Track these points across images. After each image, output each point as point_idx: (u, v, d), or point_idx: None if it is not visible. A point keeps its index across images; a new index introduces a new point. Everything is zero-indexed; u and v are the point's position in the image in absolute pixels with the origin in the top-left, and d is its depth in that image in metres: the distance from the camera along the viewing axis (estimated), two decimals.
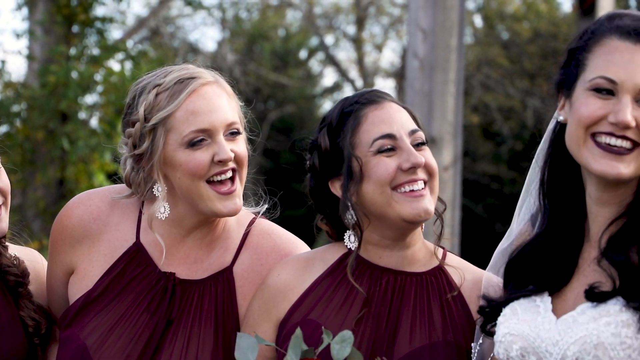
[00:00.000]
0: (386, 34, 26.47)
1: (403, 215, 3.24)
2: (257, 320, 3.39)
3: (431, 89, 9.70)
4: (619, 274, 2.90)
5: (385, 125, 3.28)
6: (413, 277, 3.32)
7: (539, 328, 2.98)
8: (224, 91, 3.52)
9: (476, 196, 22.88)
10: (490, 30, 25.93)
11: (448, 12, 9.69)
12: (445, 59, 9.69)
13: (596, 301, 2.90)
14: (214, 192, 3.42)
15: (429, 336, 3.24)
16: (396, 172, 3.25)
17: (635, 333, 2.83)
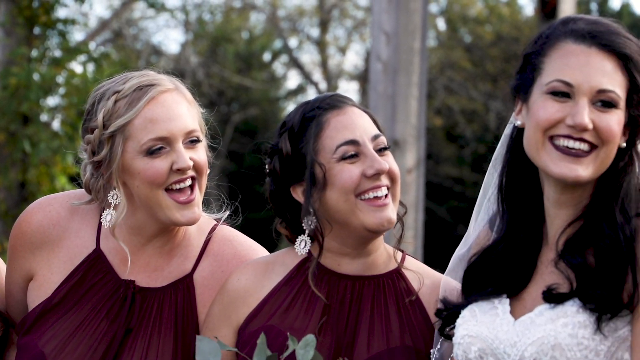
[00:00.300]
0: (350, 37, 26.52)
1: (366, 224, 3.24)
2: (216, 324, 3.37)
3: (394, 92, 9.72)
4: (576, 275, 2.92)
5: (348, 131, 3.26)
6: (371, 280, 3.31)
7: (497, 330, 2.99)
8: (183, 98, 3.49)
9: (439, 199, 22.97)
10: (453, 34, 26.05)
11: (411, 15, 9.73)
12: (408, 61, 9.72)
13: (553, 303, 2.91)
14: (172, 201, 3.40)
15: (387, 342, 3.23)
16: (360, 179, 3.23)
17: (592, 334, 2.84)
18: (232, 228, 3.63)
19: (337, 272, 3.32)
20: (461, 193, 23.40)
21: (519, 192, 3.12)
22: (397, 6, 9.70)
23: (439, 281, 3.33)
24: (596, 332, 2.84)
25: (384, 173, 3.25)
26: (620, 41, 2.94)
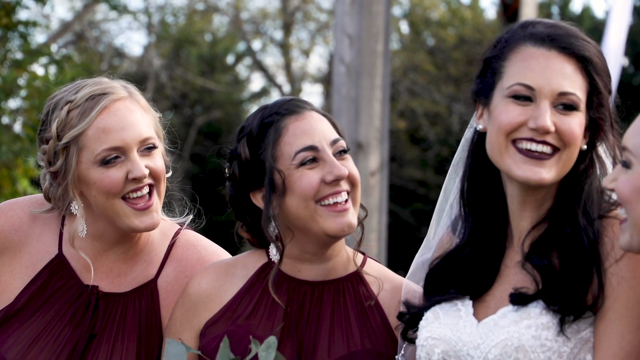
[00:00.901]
0: (313, 40, 26.53)
1: (327, 230, 3.23)
2: (179, 328, 3.36)
3: (358, 95, 9.74)
4: (542, 277, 2.94)
5: (306, 136, 3.25)
6: (331, 285, 3.31)
7: (460, 332, 2.99)
8: (137, 105, 3.46)
9: (403, 201, 23.03)
10: (416, 37, 26.14)
11: (374, 18, 9.75)
12: (371, 64, 9.74)
13: (520, 304, 2.93)
14: (130, 209, 3.39)
15: (347, 346, 3.24)
16: (319, 185, 3.22)
17: (555, 335, 2.86)
18: (196, 232, 3.62)
19: (297, 278, 3.31)
20: (425, 196, 23.47)
21: (481, 196, 3.14)
22: (360, 9, 9.72)
23: (399, 285, 3.34)
24: (559, 333, 2.86)
25: (343, 179, 3.24)
26: (579, 44, 2.96)
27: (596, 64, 2.96)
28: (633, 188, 2.61)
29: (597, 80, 2.96)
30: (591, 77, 2.96)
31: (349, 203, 3.26)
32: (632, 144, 2.62)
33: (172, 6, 25.02)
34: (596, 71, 2.95)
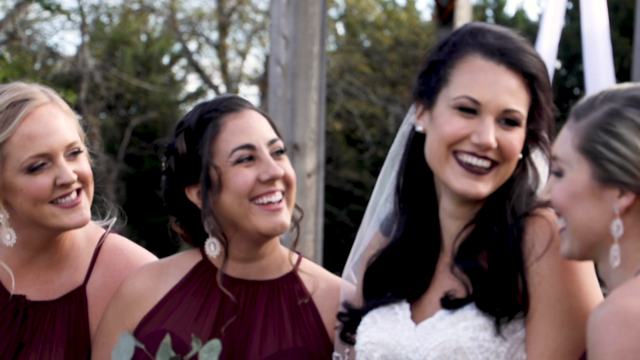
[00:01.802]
0: (249, 41, 26.50)
1: (259, 228, 3.24)
2: (111, 329, 3.34)
3: (294, 96, 9.74)
4: (471, 280, 2.96)
5: (244, 135, 3.26)
6: (265, 285, 3.32)
7: (398, 335, 3.00)
8: (60, 110, 3.42)
9: (339, 203, 23.10)
10: (353, 38, 26.24)
11: (310, 19, 9.76)
12: (307, 66, 9.75)
13: (451, 308, 2.94)
14: (58, 208, 3.34)
15: (279, 344, 3.25)
16: (254, 183, 3.23)
17: (492, 336, 2.89)
18: (121, 236, 3.59)
19: (231, 276, 3.32)
20: (361, 197, 23.57)
21: (416, 194, 3.15)
22: (296, 10, 9.72)
23: (335, 284, 3.35)
24: (496, 334, 2.88)
25: (278, 178, 3.25)
26: (527, 60, 2.98)
27: (541, 80, 2.99)
28: (568, 194, 2.64)
29: (540, 96, 2.99)
30: (535, 93, 2.99)
31: (283, 203, 3.27)
32: (562, 152, 2.66)
33: (106, 6, 24.81)
34: (540, 87, 2.99)
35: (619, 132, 2.57)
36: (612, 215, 2.58)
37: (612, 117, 2.59)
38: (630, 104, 2.59)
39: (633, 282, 2.47)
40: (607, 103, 2.63)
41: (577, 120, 2.66)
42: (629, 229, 2.58)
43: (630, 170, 2.55)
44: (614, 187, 2.58)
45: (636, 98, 2.60)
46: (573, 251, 2.67)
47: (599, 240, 2.61)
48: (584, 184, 2.61)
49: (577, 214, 2.62)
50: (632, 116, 2.57)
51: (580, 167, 2.63)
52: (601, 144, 2.59)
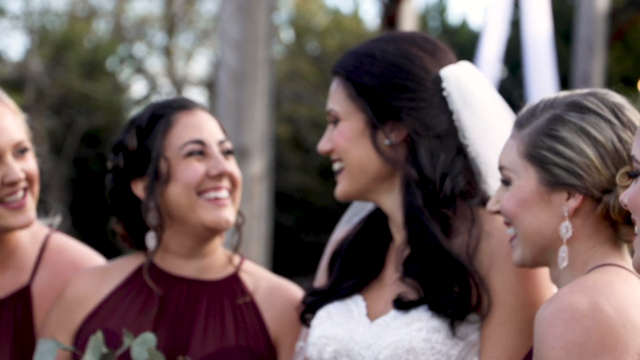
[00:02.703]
0: (197, 45, 26.38)
1: (204, 221, 3.27)
2: (54, 331, 3.34)
3: (241, 101, 9.75)
4: (421, 284, 2.98)
5: (196, 131, 3.31)
6: (207, 285, 3.35)
7: (353, 331, 3.02)
8: (7, 109, 3.41)
9: (287, 207, 23.08)
10: (300, 44, 26.26)
11: (257, 24, 9.79)
12: (254, 70, 9.77)
13: (403, 310, 2.97)
14: (4, 209, 3.34)
15: (220, 342, 3.27)
16: (203, 177, 3.27)
17: (444, 339, 2.91)
18: (66, 236, 3.59)
19: (173, 274, 3.34)
20: (307, 202, 23.58)
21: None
22: (244, 15, 9.75)
23: (277, 284, 3.39)
24: (449, 336, 2.91)
25: (227, 175, 3.29)
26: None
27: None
28: (517, 202, 2.68)
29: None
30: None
31: (229, 200, 3.31)
32: (508, 162, 2.70)
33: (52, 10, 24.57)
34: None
35: (563, 135, 2.62)
36: (561, 218, 2.63)
37: (554, 122, 2.65)
38: (570, 109, 2.65)
39: (581, 280, 2.52)
40: (548, 110, 2.68)
41: (520, 129, 2.71)
42: (578, 231, 2.64)
43: (577, 172, 2.61)
44: (562, 190, 2.64)
45: (576, 103, 2.66)
46: (525, 258, 2.71)
47: (550, 244, 2.66)
48: (532, 189, 2.66)
49: (527, 221, 2.67)
50: (573, 120, 2.63)
51: (527, 174, 2.67)
52: (546, 149, 2.64)
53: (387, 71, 3.02)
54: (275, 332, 3.34)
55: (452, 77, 3.03)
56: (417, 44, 3.08)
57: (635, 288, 2.51)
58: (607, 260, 2.59)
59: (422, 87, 3.02)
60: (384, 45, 3.07)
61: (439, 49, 3.08)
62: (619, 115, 2.63)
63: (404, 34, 3.15)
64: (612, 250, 2.63)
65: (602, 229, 2.64)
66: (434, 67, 3.04)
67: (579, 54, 17.43)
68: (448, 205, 2.99)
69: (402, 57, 3.03)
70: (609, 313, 2.40)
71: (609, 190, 2.61)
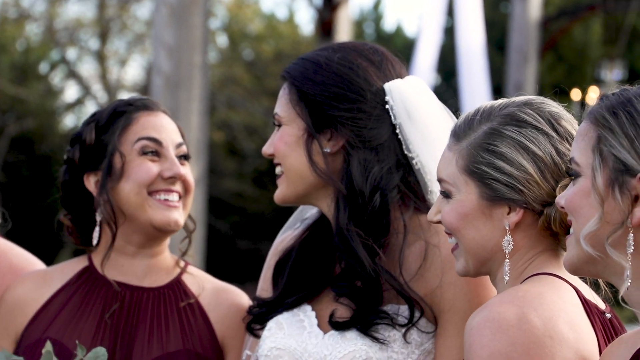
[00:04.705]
0: (130, 50, 26.24)
1: (153, 220, 3.25)
2: None
3: (176, 106, 9.72)
4: (353, 302, 2.96)
5: (155, 131, 3.29)
6: (151, 292, 3.33)
7: (306, 343, 3.00)
8: None
9: (220, 213, 23.04)
10: (235, 50, 26.25)
11: (192, 30, 9.76)
12: (189, 76, 9.74)
13: (338, 330, 2.94)
14: None
15: (165, 346, 3.25)
16: (156, 177, 3.25)
17: (400, 348, 2.90)
18: (5, 239, 3.55)
19: (117, 280, 3.32)
20: (242, 208, 23.57)
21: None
22: (178, 20, 9.71)
23: (221, 287, 3.37)
24: (404, 346, 2.91)
25: (180, 178, 3.28)
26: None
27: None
28: (458, 216, 2.66)
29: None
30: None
31: (180, 203, 3.30)
32: (447, 175, 2.69)
33: None
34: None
35: (501, 151, 2.62)
36: (503, 232, 2.63)
37: (492, 136, 2.64)
38: (507, 122, 2.64)
39: (512, 290, 2.52)
40: (485, 123, 2.66)
41: (457, 141, 2.70)
42: (519, 243, 2.64)
43: (517, 187, 2.61)
44: (503, 204, 2.62)
45: (512, 115, 2.65)
46: (468, 269, 2.70)
47: (491, 256, 2.65)
48: (473, 204, 2.65)
49: (469, 234, 2.66)
50: (511, 134, 2.62)
51: (468, 189, 2.66)
52: (485, 165, 2.63)
53: (329, 80, 3.02)
54: (221, 334, 3.32)
55: (395, 90, 3.02)
56: (364, 54, 3.06)
57: (566, 298, 2.53)
58: (543, 269, 2.60)
59: (362, 99, 3.00)
60: (331, 54, 3.06)
61: (387, 61, 3.07)
62: (556, 127, 2.64)
63: (355, 44, 3.13)
64: (550, 259, 2.64)
65: (542, 239, 2.64)
66: (378, 79, 3.03)
67: (512, 62, 17.66)
68: (379, 219, 2.97)
69: (346, 67, 3.03)
70: (535, 324, 2.41)
71: (549, 203, 2.63)
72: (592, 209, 2.25)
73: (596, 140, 2.27)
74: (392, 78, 3.05)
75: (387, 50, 3.15)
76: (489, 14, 20.28)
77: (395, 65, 3.08)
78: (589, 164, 2.27)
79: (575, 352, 2.43)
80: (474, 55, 16.21)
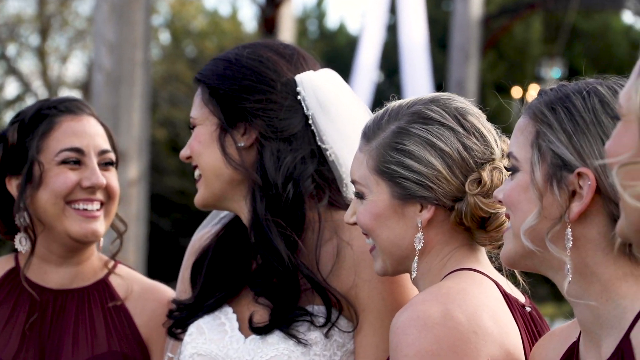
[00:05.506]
0: (71, 46, 25.99)
1: (70, 232, 3.21)
2: None
3: (117, 103, 9.64)
4: (270, 301, 2.94)
5: (76, 138, 3.24)
6: (75, 293, 3.29)
7: (227, 347, 2.97)
8: None
9: (163, 211, 22.92)
10: (177, 46, 26.12)
11: (133, 26, 9.69)
12: (131, 73, 9.67)
13: (258, 334, 2.92)
14: None
15: (92, 349, 3.22)
16: (75, 187, 3.21)
17: (322, 350, 2.88)
18: None
19: (40, 285, 3.28)
20: (184, 205, 23.45)
21: None
22: (120, 17, 9.64)
23: (149, 287, 3.34)
24: (326, 347, 2.89)
25: (100, 188, 3.23)
26: None
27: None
28: (372, 216, 2.68)
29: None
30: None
31: (100, 212, 3.24)
32: (359, 176, 2.70)
33: None
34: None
35: (409, 149, 2.64)
36: (416, 230, 2.65)
37: (400, 135, 2.66)
38: (414, 120, 2.66)
39: (435, 288, 2.54)
40: (392, 122, 2.68)
41: (367, 142, 2.71)
42: (433, 239, 2.66)
43: (427, 184, 2.63)
44: (414, 202, 2.64)
45: (419, 113, 2.67)
46: (386, 268, 2.72)
47: (408, 254, 2.67)
48: (385, 204, 2.66)
49: (384, 234, 2.68)
50: (418, 132, 2.64)
51: (379, 189, 2.67)
52: (395, 164, 2.65)
53: (238, 74, 3.01)
54: (146, 335, 3.30)
55: (307, 81, 3.01)
56: (274, 49, 3.07)
57: (489, 293, 2.55)
58: (463, 265, 2.63)
59: (272, 89, 2.99)
60: (240, 51, 3.06)
61: (298, 55, 3.06)
62: (463, 122, 2.66)
63: (266, 41, 3.14)
64: (468, 254, 2.67)
65: (457, 235, 2.67)
66: (288, 71, 3.02)
67: (454, 60, 17.78)
68: (293, 210, 2.95)
69: (255, 60, 3.02)
70: (460, 320, 2.43)
71: (459, 198, 2.65)
72: (531, 203, 2.27)
73: (535, 135, 2.28)
74: (304, 70, 3.04)
75: (300, 47, 3.16)
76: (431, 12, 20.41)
77: (308, 60, 3.08)
78: (528, 159, 2.29)
79: (500, 346, 2.46)
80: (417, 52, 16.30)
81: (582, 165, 2.21)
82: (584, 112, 2.25)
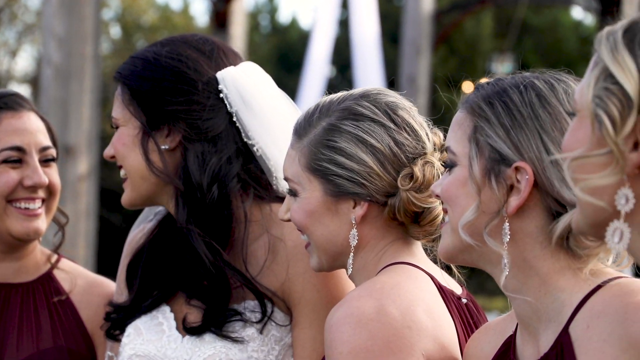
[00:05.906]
0: (20, 40, 25.74)
1: (12, 230, 3.18)
2: None
3: (66, 98, 9.56)
4: (202, 302, 2.92)
5: (17, 136, 3.20)
6: (19, 287, 3.27)
7: (165, 347, 2.95)
8: None
9: (113, 205, 22.79)
10: (128, 40, 25.96)
11: (83, 20, 9.61)
12: (80, 67, 9.59)
13: (193, 335, 2.90)
14: None
15: (37, 344, 3.19)
16: (16, 186, 3.18)
17: (260, 346, 2.88)
18: None
19: None
20: None
21: None
22: (69, 11, 9.55)
23: (94, 281, 3.32)
24: (264, 343, 2.90)
25: (42, 187, 3.21)
26: None
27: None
28: (305, 213, 2.68)
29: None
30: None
31: (42, 210, 3.22)
32: (291, 174, 2.70)
33: None
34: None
35: (341, 146, 2.63)
36: (350, 226, 2.65)
37: (331, 132, 2.65)
38: (345, 116, 2.65)
39: (370, 283, 2.54)
40: (323, 119, 2.68)
41: (299, 139, 2.70)
42: (368, 235, 2.66)
43: (359, 181, 2.63)
44: (347, 199, 2.64)
45: (349, 109, 2.66)
46: (322, 264, 2.72)
47: (343, 250, 2.67)
48: (318, 201, 2.66)
49: (318, 231, 2.68)
50: (348, 129, 2.64)
51: (312, 186, 2.67)
52: (326, 161, 2.64)
53: (158, 74, 2.96)
54: (92, 329, 3.28)
55: (229, 78, 2.97)
56: (193, 45, 3.00)
57: (423, 287, 2.56)
58: (398, 259, 2.63)
59: (193, 90, 2.94)
60: (159, 49, 3.00)
61: (218, 50, 3.01)
62: (393, 117, 2.65)
63: (184, 36, 3.07)
64: (403, 247, 2.67)
65: (391, 229, 2.67)
66: (209, 69, 2.97)
67: (405, 55, 17.84)
68: (219, 211, 2.92)
69: (175, 60, 2.96)
70: (394, 316, 2.43)
71: (392, 193, 2.64)
72: (469, 198, 2.27)
73: (472, 129, 2.28)
74: (225, 66, 3.00)
75: (220, 40, 3.12)
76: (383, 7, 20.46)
77: (228, 54, 3.04)
78: (466, 154, 2.28)
79: (434, 339, 2.46)
80: (369, 47, 16.34)
81: (519, 160, 2.21)
82: (521, 106, 2.25)
